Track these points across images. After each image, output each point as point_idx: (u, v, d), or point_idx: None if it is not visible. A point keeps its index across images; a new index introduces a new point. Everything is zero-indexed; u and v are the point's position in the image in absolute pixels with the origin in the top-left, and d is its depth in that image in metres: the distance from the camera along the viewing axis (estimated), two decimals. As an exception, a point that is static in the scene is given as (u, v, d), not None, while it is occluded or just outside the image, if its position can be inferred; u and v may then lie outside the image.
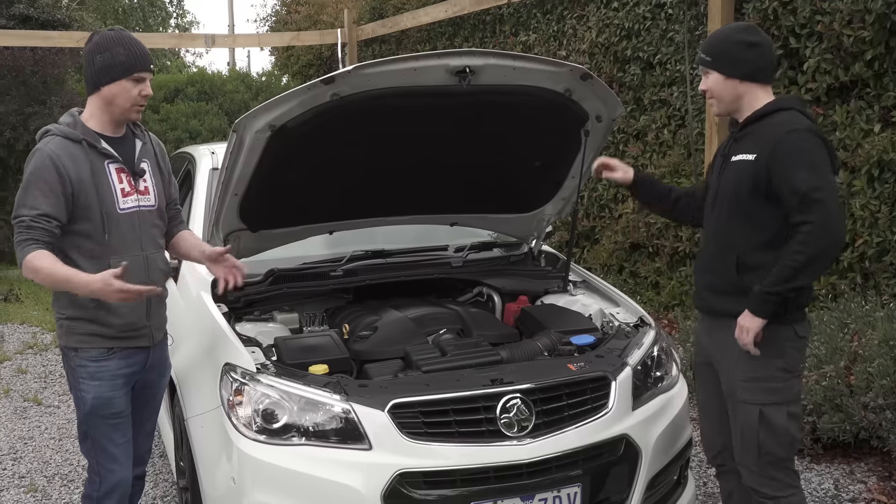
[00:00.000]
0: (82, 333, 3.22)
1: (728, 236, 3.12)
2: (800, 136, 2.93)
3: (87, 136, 3.16)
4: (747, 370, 3.09)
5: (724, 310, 3.15)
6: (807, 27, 5.68)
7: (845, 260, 5.48)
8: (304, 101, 3.31)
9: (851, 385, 4.47)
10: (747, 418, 3.11)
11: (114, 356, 3.25)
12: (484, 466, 3.08)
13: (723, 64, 3.10)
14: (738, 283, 3.07)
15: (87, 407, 3.27)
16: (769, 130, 2.99)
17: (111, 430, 3.30)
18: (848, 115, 5.52)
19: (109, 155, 3.20)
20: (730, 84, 3.10)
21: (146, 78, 3.20)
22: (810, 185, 2.85)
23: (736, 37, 3.11)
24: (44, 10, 12.67)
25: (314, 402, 3.14)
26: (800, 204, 2.85)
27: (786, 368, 3.08)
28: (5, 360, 7.39)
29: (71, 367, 3.28)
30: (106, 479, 3.33)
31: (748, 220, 3.05)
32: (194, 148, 5.54)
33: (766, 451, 3.10)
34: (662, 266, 7.19)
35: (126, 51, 3.16)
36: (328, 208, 4.04)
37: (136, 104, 3.21)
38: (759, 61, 3.09)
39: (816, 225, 2.83)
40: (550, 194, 4.35)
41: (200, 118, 13.98)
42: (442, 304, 4.15)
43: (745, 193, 3.04)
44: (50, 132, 3.18)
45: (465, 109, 3.60)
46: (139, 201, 3.28)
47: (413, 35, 10.84)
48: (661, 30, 7.05)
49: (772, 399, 3.07)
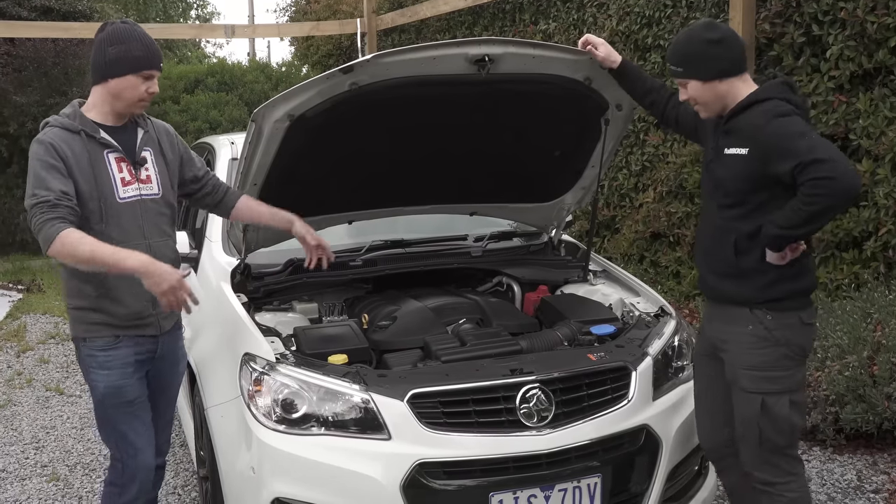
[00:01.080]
0: (89, 322, 3.23)
1: (726, 222, 3.09)
2: (780, 122, 2.89)
3: (84, 127, 3.14)
4: (751, 359, 3.07)
5: (727, 293, 3.13)
6: (830, 14, 5.63)
7: (868, 249, 5.44)
8: (322, 91, 3.30)
9: (874, 375, 4.43)
10: (748, 407, 3.09)
11: (121, 344, 3.25)
12: (503, 457, 3.08)
13: (696, 69, 3.04)
14: (736, 264, 3.06)
15: (99, 395, 3.28)
16: (754, 124, 2.95)
17: (128, 416, 3.30)
18: (871, 102, 5.46)
19: (108, 144, 3.18)
20: (709, 87, 3.05)
21: (155, 76, 3.20)
22: (806, 151, 2.80)
23: (699, 38, 3.04)
24: (65, 2, 12.75)
25: (333, 391, 3.14)
26: (803, 170, 2.79)
27: (790, 356, 3.06)
28: (28, 350, 7.46)
29: (81, 356, 3.30)
30: (128, 465, 3.34)
31: (745, 208, 3.02)
32: (214, 138, 5.55)
33: (766, 438, 3.08)
34: (683, 255, 7.15)
35: (142, 46, 3.16)
36: (347, 198, 4.04)
37: (142, 100, 3.20)
38: (730, 54, 3.04)
39: (826, 178, 2.76)
40: (570, 183, 4.32)
41: (220, 109, 14.00)
42: (461, 294, 4.15)
43: (742, 185, 3.00)
44: (49, 123, 3.18)
45: (485, 98, 3.58)
46: (140, 190, 3.25)
47: (432, 24, 10.82)
48: (681, 17, 6.99)
49: (774, 388, 3.05)
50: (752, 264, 3.03)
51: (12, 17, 11.72)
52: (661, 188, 7.28)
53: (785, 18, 5.97)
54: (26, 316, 8.75)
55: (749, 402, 3.09)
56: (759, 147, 2.92)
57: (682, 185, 7.07)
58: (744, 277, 3.05)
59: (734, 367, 3.13)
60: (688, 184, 6.96)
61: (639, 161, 7.69)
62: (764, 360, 3.05)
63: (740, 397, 3.13)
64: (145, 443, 3.36)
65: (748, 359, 3.08)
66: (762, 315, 3.05)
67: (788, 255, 2.98)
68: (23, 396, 6.25)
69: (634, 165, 7.74)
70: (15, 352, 7.43)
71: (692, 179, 6.88)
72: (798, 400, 3.12)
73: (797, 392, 3.11)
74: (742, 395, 3.12)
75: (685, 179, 6.98)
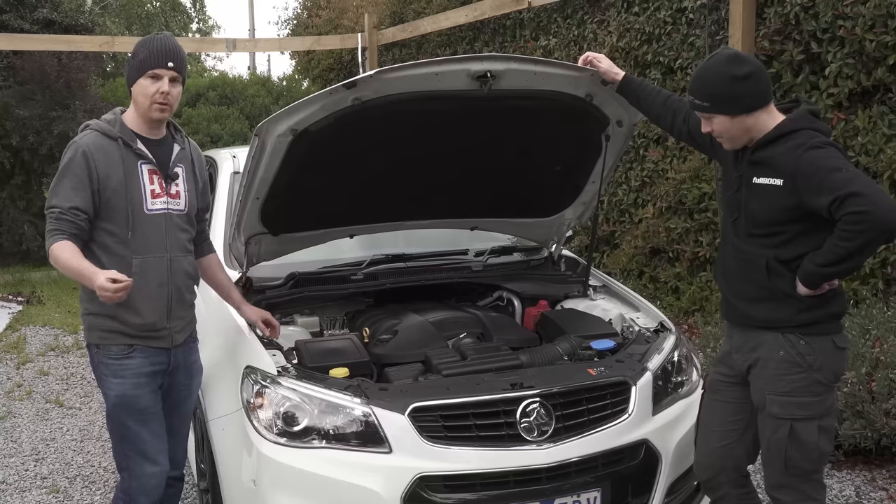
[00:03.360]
0: (103, 330, 3.25)
1: (755, 248, 3.03)
2: (815, 153, 2.85)
3: (123, 135, 3.22)
4: (781, 384, 3.00)
5: (758, 318, 3.06)
6: (829, 32, 5.66)
7: (867, 266, 5.45)
8: (325, 106, 3.33)
9: (873, 391, 4.44)
10: (777, 433, 3.04)
11: (134, 354, 3.26)
12: (503, 471, 3.09)
13: (724, 106, 2.96)
14: (769, 287, 3.00)
15: (111, 403, 3.30)
16: (788, 155, 2.89)
17: (139, 425, 3.30)
18: (870, 120, 5.49)
19: (143, 156, 3.24)
20: (738, 121, 2.97)
21: (163, 76, 3.20)
22: (842, 184, 2.76)
23: (727, 73, 2.94)
24: (67, 15, 12.80)
25: (335, 405, 3.15)
26: (840, 205, 2.75)
27: (821, 381, 3.00)
28: (28, 362, 7.45)
29: (95, 363, 3.32)
30: (135, 473, 3.33)
31: (778, 238, 2.97)
32: (216, 152, 5.57)
33: (792, 464, 3.04)
34: (682, 271, 7.17)
35: (146, 49, 3.22)
36: (349, 212, 4.05)
37: (155, 102, 3.21)
38: (757, 87, 2.96)
39: (863, 212, 2.72)
40: (571, 199, 4.34)
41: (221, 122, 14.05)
42: (462, 309, 4.16)
43: (777, 216, 2.94)
44: (89, 126, 3.26)
45: (486, 114, 3.60)
46: (168, 204, 3.30)
47: (433, 40, 10.86)
48: (681, 34, 7.03)
49: (804, 414, 2.99)
50: (786, 288, 2.97)
51: (15, 29, 11.77)
52: (660, 204, 7.30)
53: (784, 36, 6.00)
54: (26, 328, 8.75)
55: (777, 427, 3.03)
56: (793, 180, 2.86)
57: (681, 201, 7.09)
58: (776, 301, 3.00)
59: (762, 391, 3.07)
60: (687, 199, 6.98)
61: (638, 177, 7.71)
62: (795, 385, 2.98)
63: (768, 422, 3.07)
64: (155, 452, 3.35)
65: (779, 384, 3.02)
66: (795, 340, 2.99)
67: (826, 287, 2.94)
68: (22, 408, 6.25)
69: (634, 181, 7.76)
70: (15, 363, 7.43)
71: (692, 195, 6.90)
72: (827, 426, 3.06)
73: (826, 417, 3.05)
74: (770, 420, 3.06)
75: (685, 195, 7.00)
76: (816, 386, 3.00)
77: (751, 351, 3.11)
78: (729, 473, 3.26)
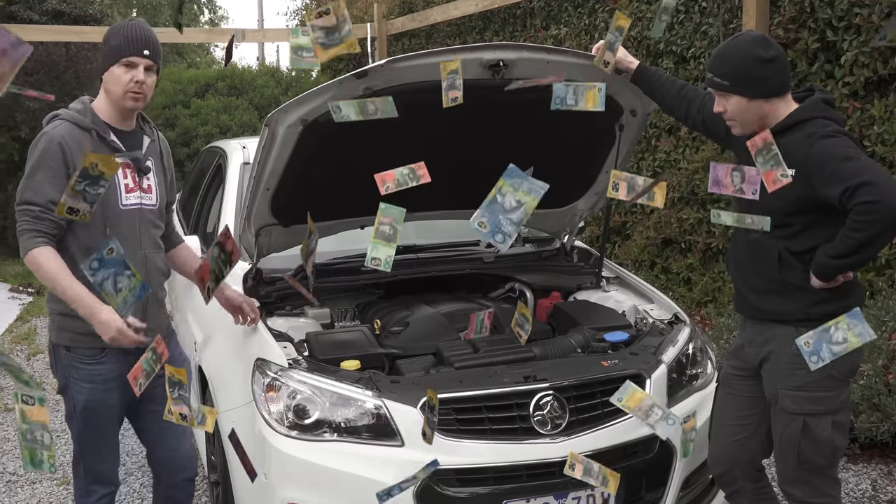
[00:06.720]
0: (75, 332, 3.09)
1: (767, 239, 2.97)
2: (827, 143, 2.80)
3: (97, 126, 3.10)
4: (794, 379, 2.96)
5: (770, 311, 3.03)
6: (844, 20, 5.60)
7: (883, 257, 5.40)
8: (336, 96, 3.29)
9: (889, 384, 4.40)
10: (789, 428, 3.00)
11: (106, 359, 3.13)
12: (517, 464, 3.07)
13: (744, 87, 2.89)
14: (780, 280, 2.97)
15: (79, 407, 3.17)
16: (800, 144, 2.84)
17: (99, 441, 3.22)
18: (886, 109, 5.43)
19: (117, 149, 3.11)
20: (754, 105, 2.92)
21: (138, 64, 3.07)
22: (853, 174, 2.71)
23: (752, 54, 2.88)
24: (76, 6, 12.78)
25: (346, 397, 3.13)
26: (851, 194, 2.70)
27: (835, 376, 2.94)
28: (38, 353, 7.46)
29: (62, 365, 3.18)
30: (90, 469, 3.26)
31: (791, 229, 2.92)
32: (226, 142, 5.55)
33: (805, 459, 3.00)
34: (695, 262, 7.12)
35: (121, 36, 3.08)
36: (360, 203, 4.01)
37: (129, 91, 3.08)
38: (780, 74, 2.92)
39: (874, 202, 2.67)
40: (583, 189, 4.31)
41: (230, 113, 14.01)
42: (474, 300, 4.13)
43: (789, 207, 2.88)
44: (59, 116, 3.12)
45: (498, 103, 3.57)
46: (141, 199, 3.20)
47: (443, 29, 10.82)
48: (694, 23, 6.97)
49: (817, 409, 2.95)
50: (798, 280, 2.93)
51: (24, 20, 11.75)
52: (672, 194, 7.26)
53: (799, 24, 5.95)
54: (36, 319, 8.76)
55: (790, 422, 3.00)
56: (805, 170, 2.79)
57: (693, 192, 7.05)
58: (788, 294, 2.96)
59: (775, 386, 3.03)
60: (700, 190, 6.93)
61: (650, 167, 7.66)
62: (808, 380, 2.92)
63: (780, 417, 3.04)
64: (108, 450, 3.29)
65: (791, 379, 2.97)
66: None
67: (840, 279, 2.89)
68: (33, 400, 6.24)
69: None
70: (25, 355, 7.43)
71: (703, 186, 6.85)
72: (841, 421, 3.01)
73: (840, 412, 3.01)
74: (783, 414, 3.02)
75: (697, 186, 6.96)
76: (830, 381, 2.95)
77: (763, 344, 3.07)
78: (743, 468, 3.23)
